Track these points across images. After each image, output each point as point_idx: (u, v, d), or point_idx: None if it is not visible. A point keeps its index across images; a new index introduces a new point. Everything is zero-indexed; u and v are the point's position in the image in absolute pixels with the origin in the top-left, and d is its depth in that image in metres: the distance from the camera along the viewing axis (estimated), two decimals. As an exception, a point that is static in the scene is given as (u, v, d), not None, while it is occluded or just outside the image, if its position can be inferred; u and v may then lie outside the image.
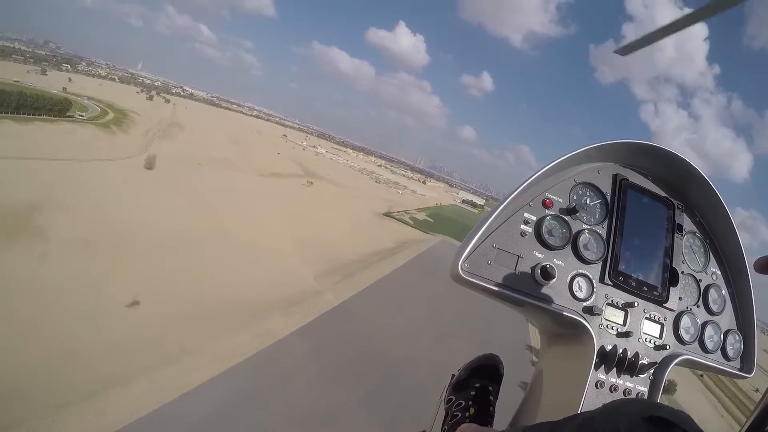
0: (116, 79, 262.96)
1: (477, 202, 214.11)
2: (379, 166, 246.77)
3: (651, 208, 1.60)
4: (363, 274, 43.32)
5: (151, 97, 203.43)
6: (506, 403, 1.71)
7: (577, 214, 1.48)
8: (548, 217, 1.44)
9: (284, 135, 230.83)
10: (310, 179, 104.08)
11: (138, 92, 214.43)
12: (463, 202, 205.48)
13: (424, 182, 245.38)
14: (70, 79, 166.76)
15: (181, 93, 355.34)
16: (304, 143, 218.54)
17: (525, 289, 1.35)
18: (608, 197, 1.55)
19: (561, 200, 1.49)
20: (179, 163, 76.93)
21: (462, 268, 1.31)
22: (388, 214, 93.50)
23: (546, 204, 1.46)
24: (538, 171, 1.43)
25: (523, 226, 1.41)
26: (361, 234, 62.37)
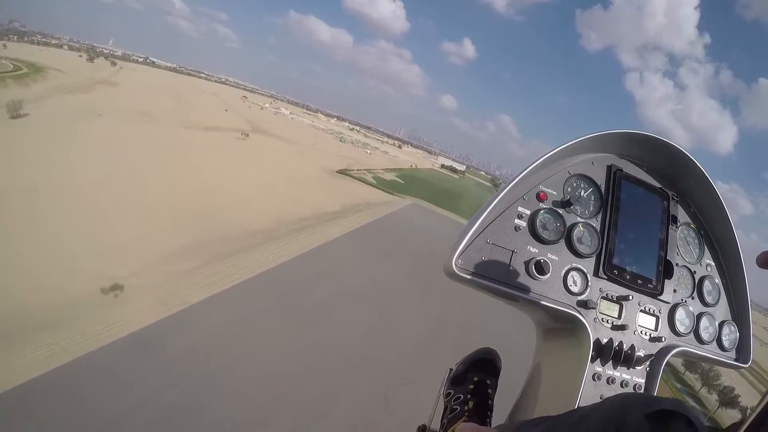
0: (65, 47, 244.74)
1: (457, 167, 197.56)
2: (352, 129, 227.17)
3: (646, 200, 1.59)
4: (258, 252, 25.52)
5: (91, 59, 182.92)
6: (504, 396, 1.65)
7: (572, 207, 1.47)
8: (542, 211, 1.42)
9: (244, 96, 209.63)
10: (251, 133, 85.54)
11: (80, 56, 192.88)
12: (443, 167, 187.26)
13: (399, 147, 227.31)
14: (4, 45, 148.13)
15: (140, 61, 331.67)
16: (267, 105, 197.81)
17: (519, 285, 1.35)
18: (602, 189, 1.54)
19: (555, 193, 1.47)
20: (71, 113, 60.10)
21: (456, 265, 1.29)
22: (343, 172, 75.03)
23: (540, 197, 1.45)
24: (533, 163, 1.41)
25: (517, 221, 1.39)
26: (291, 194, 44.74)
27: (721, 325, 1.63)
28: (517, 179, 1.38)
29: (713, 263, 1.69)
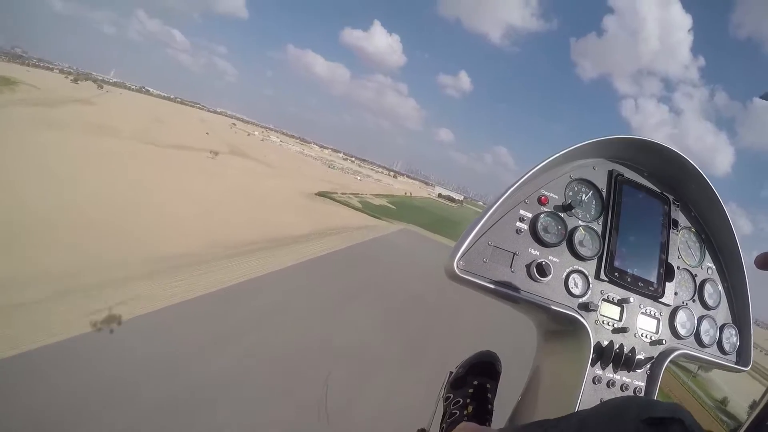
0: (55, 70, 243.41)
1: (455, 197, 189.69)
2: (345, 159, 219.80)
3: (646, 204, 1.61)
4: (136, 287, 14.88)
5: (76, 81, 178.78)
6: (505, 400, 1.66)
7: (573, 211, 1.49)
8: (543, 214, 1.44)
9: (233, 123, 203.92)
10: (228, 156, 77.56)
11: (66, 77, 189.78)
12: (440, 196, 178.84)
13: (395, 176, 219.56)
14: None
15: (134, 89, 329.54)
16: (256, 133, 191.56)
17: (521, 286, 1.36)
18: (604, 193, 1.56)
19: (557, 197, 1.49)
20: (20, 121, 51.88)
21: (458, 266, 1.30)
22: (324, 195, 65.60)
23: (542, 201, 1.46)
24: (534, 167, 1.42)
25: (518, 224, 1.41)
26: (250, 215, 35.69)
27: (721, 328, 1.62)
28: (518, 183, 1.38)
29: (714, 266, 1.69)
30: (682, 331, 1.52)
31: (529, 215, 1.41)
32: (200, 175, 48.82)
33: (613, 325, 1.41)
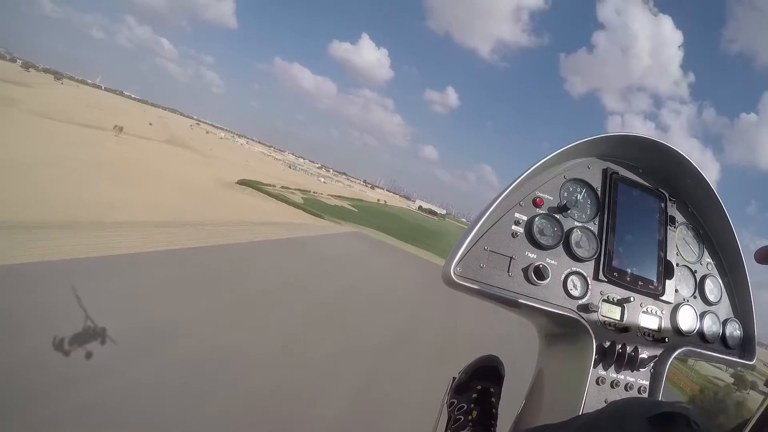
0: (18, 62, 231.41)
1: (437, 210, 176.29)
2: (319, 168, 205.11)
3: (643, 202, 1.58)
4: None
5: (27, 68, 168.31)
6: (509, 404, 1.61)
7: (569, 212, 1.45)
8: (538, 217, 1.40)
9: (196, 123, 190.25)
10: (156, 141, 63.36)
11: (21, 68, 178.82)
12: (420, 209, 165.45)
13: (372, 187, 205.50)
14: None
15: (103, 88, 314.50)
16: (222, 135, 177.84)
17: (520, 290, 1.33)
18: (599, 192, 1.53)
19: (551, 198, 1.46)
20: None
21: (455, 273, 1.27)
22: (248, 183, 50.11)
23: (536, 203, 1.43)
24: (529, 169, 1.39)
25: (514, 227, 1.38)
26: (81, 192, 21.97)
27: (724, 323, 1.59)
28: (512, 185, 1.34)
29: (713, 262, 1.67)
30: (684, 328, 1.47)
31: (524, 218, 1.37)
32: (57, 146, 34.42)
33: (614, 326, 1.38)
